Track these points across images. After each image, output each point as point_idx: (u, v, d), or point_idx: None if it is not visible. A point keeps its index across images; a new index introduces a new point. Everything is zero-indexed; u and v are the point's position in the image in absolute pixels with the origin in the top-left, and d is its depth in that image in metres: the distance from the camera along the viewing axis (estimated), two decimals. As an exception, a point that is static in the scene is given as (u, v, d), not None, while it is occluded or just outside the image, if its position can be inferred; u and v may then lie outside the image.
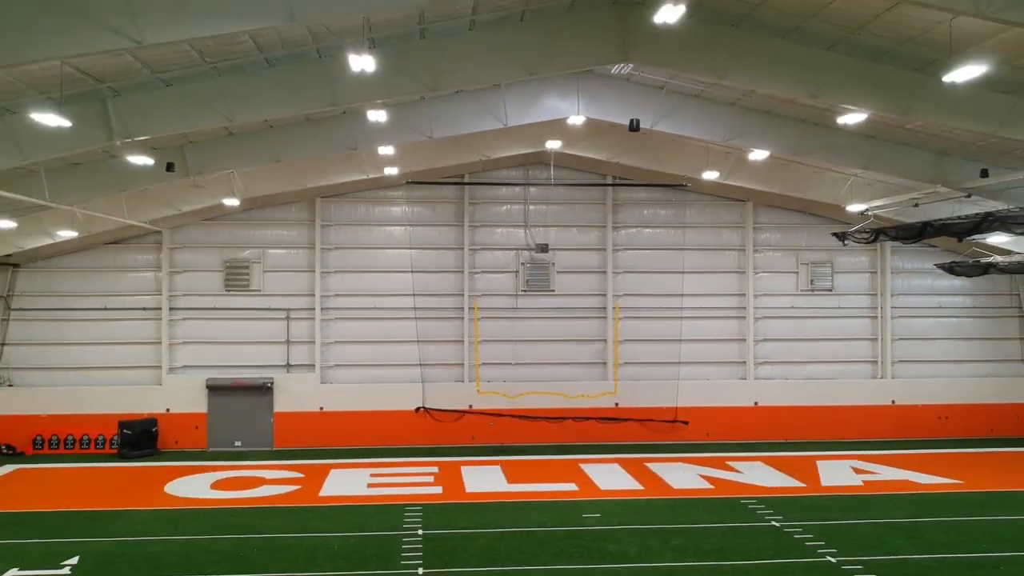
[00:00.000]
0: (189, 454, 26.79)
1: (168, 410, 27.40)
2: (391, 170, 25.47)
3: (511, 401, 28.13)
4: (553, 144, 24.89)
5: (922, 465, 24.85)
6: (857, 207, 25.39)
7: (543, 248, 28.53)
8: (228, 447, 27.39)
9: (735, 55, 16.93)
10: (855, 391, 29.44)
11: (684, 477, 23.27)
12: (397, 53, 16.30)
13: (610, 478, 23.11)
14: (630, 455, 26.06)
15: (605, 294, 29.15)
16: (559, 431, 28.06)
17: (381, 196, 28.54)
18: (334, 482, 22.83)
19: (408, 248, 28.52)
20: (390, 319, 28.35)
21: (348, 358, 28.41)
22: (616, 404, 28.52)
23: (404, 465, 24.87)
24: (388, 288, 28.42)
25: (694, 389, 28.68)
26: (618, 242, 29.31)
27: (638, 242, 29.42)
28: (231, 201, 25.09)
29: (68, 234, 24.51)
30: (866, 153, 22.17)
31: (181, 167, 20.20)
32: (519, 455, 26.29)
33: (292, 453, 26.66)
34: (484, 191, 28.73)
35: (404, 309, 28.31)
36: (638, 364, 28.93)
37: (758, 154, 23.24)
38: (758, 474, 23.66)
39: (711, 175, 25.33)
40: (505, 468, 24.38)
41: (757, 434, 28.53)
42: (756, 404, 29.10)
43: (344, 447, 27.12)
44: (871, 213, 25.69)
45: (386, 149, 22.55)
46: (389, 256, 28.65)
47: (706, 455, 26.12)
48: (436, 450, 26.89)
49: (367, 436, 27.47)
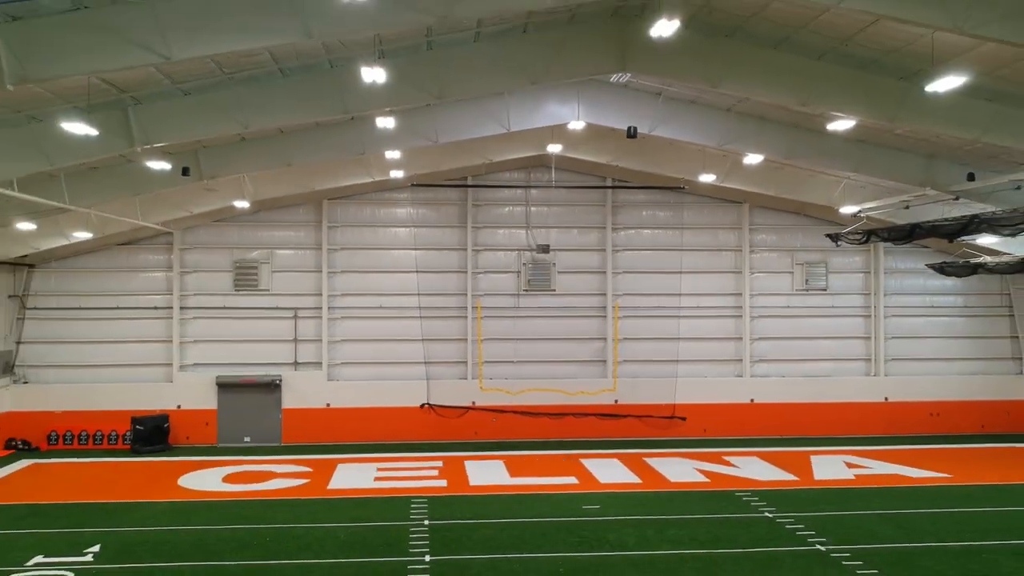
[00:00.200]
0: (200, 449, 27.46)
1: (179, 407, 28.08)
2: (397, 173, 26.10)
3: (513, 398, 28.77)
4: (554, 148, 25.54)
5: (913, 460, 25.51)
6: (850, 209, 25.97)
7: (544, 249, 29.15)
8: (237, 443, 28.04)
9: (729, 64, 17.59)
10: (849, 388, 30.05)
11: (681, 471, 23.93)
12: (405, 64, 16.96)
13: (609, 472, 23.79)
14: (629, 450, 26.72)
15: (605, 294, 29.79)
16: (560, 427, 28.69)
17: (386, 198, 29.18)
18: (342, 476, 23.50)
19: (413, 249, 29.16)
20: (395, 318, 28.99)
21: (354, 356, 29.05)
22: (615, 401, 29.16)
23: (409, 460, 25.54)
24: (393, 288, 29.06)
25: (692, 386, 29.29)
26: (617, 243, 29.96)
27: (637, 243, 30.05)
28: (241, 203, 25.79)
29: (83, 235, 25.21)
30: (857, 157, 22.77)
31: (195, 171, 20.88)
32: (521, 450, 26.95)
33: (300, 448, 27.31)
34: (487, 193, 29.38)
35: (409, 308, 28.95)
36: (637, 362, 29.56)
37: (753, 158, 23.86)
38: (753, 468, 24.31)
39: (708, 178, 26.02)
40: (507, 463, 25.05)
41: (753, 430, 29.16)
42: (752, 401, 29.75)
43: (351, 443, 27.77)
44: (863, 215, 26.27)
45: (393, 153, 23.21)
46: (394, 256, 29.29)
47: (703, 450, 26.79)
48: (440, 445, 27.53)
49: (373, 432, 28.13)
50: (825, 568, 15.53)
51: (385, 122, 19.34)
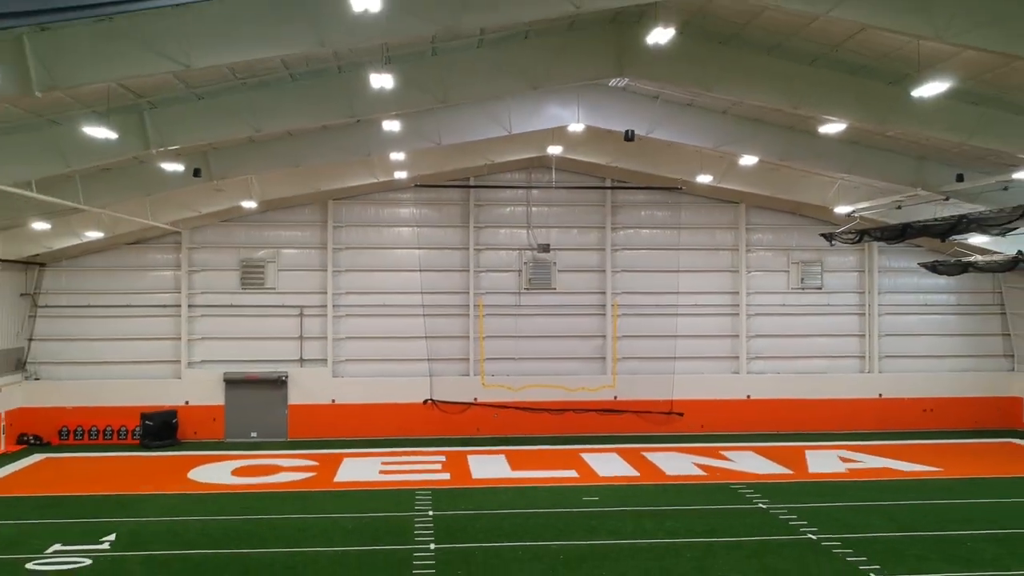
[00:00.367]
0: (207, 444, 28.03)
1: (187, 402, 28.65)
2: (401, 174, 26.66)
3: (514, 394, 29.34)
4: (554, 149, 26.09)
5: (905, 454, 26.07)
6: (844, 209, 26.51)
7: (545, 248, 29.72)
8: (244, 438, 28.61)
9: (724, 69, 18.15)
10: (843, 385, 30.59)
11: (678, 465, 24.51)
12: (411, 69, 17.52)
13: (608, 466, 24.36)
14: (628, 445, 27.30)
15: (604, 292, 30.35)
16: (560, 423, 29.27)
17: (390, 198, 29.75)
18: (347, 469, 24.10)
19: (416, 248, 29.74)
20: (399, 316, 29.56)
21: (359, 353, 29.62)
22: (615, 397, 29.74)
23: (413, 454, 26.12)
24: (397, 286, 29.63)
25: (689, 383, 29.84)
26: (617, 242, 30.52)
27: (636, 242, 30.61)
28: (249, 203, 26.36)
29: (94, 235, 25.79)
30: (849, 158, 23.30)
31: (206, 172, 21.45)
32: (522, 445, 27.54)
33: (306, 443, 27.87)
34: (488, 193, 29.96)
35: (412, 306, 29.54)
36: (636, 359, 30.12)
37: (748, 159, 24.42)
38: (749, 462, 24.91)
39: (705, 178, 26.59)
40: (509, 457, 25.64)
41: (749, 426, 29.71)
42: (748, 397, 30.31)
43: (355, 438, 28.35)
44: (857, 215, 26.79)
45: (397, 155, 23.76)
46: (398, 256, 29.86)
47: (700, 445, 27.36)
48: (443, 440, 28.13)
49: (377, 427, 28.72)
50: (816, 556, 16.13)
51: (391, 125, 19.94)
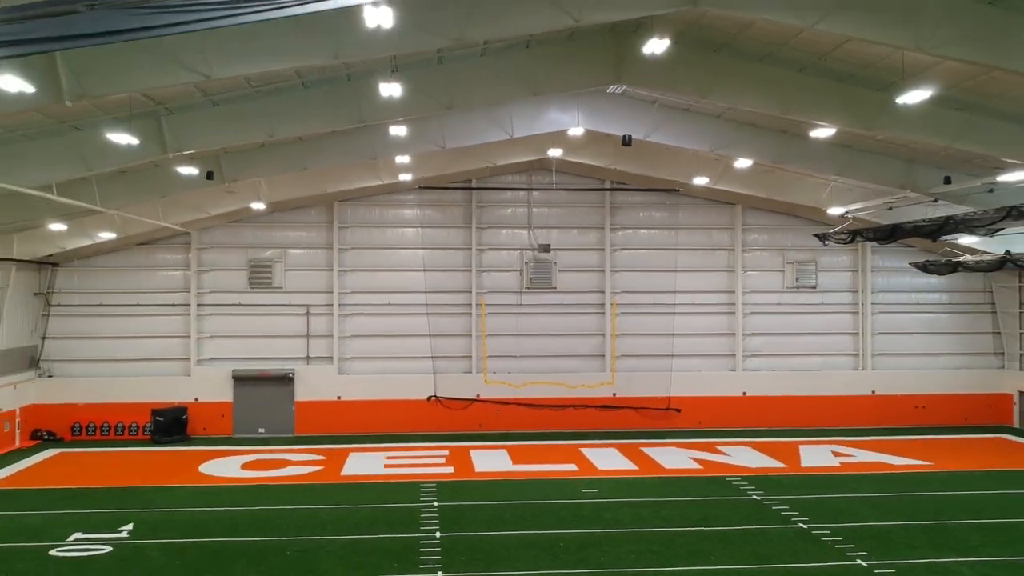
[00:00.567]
0: (216, 439, 28.72)
1: (196, 399, 29.34)
2: (405, 176, 27.34)
3: (516, 391, 30.06)
4: (555, 152, 26.80)
5: (897, 449, 26.77)
6: (837, 210, 27.12)
7: (545, 248, 30.43)
8: (252, 433, 29.30)
9: (717, 77, 18.84)
10: (837, 382, 31.28)
11: (676, 459, 25.22)
12: (417, 76, 18.19)
13: (607, 460, 25.08)
14: (626, 440, 27.99)
15: (603, 291, 31.03)
16: (560, 419, 29.96)
17: (395, 200, 30.46)
18: (354, 463, 24.80)
19: (420, 248, 30.43)
20: (403, 315, 30.24)
21: (364, 351, 30.31)
22: (614, 394, 30.43)
23: (417, 449, 26.81)
24: (401, 286, 30.32)
25: (686, 380, 30.53)
26: (616, 242, 31.20)
27: (634, 242, 31.29)
28: (257, 205, 27.04)
29: (107, 235, 26.49)
30: (841, 161, 23.95)
31: (218, 175, 22.15)
32: (523, 440, 28.23)
33: (312, 439, 28.57)
34: (491, 195, 30.64)
35: (416, 305, 30.22)
36: (634, 356, 30.81)
37: (743, 162, 25.10)
38: (744, 456, 25.59)
39: (701, 180, 27.27)
40: (511, 451, 26.34)
41: (745, 422, 30.38)
42: (744, 394, 30.98)
43: (361, 433, 29.03)
44: (850, 215, 27.45)
45: (402, 157, 24.45)
46: (402, 256, 30.55)
47: (697, 440, 28.06)
48: (447, 436, 28.82)
49: (382, 423, 29.40)
50: (806, 543, 16.85)
51: (397, 130, 20.65)
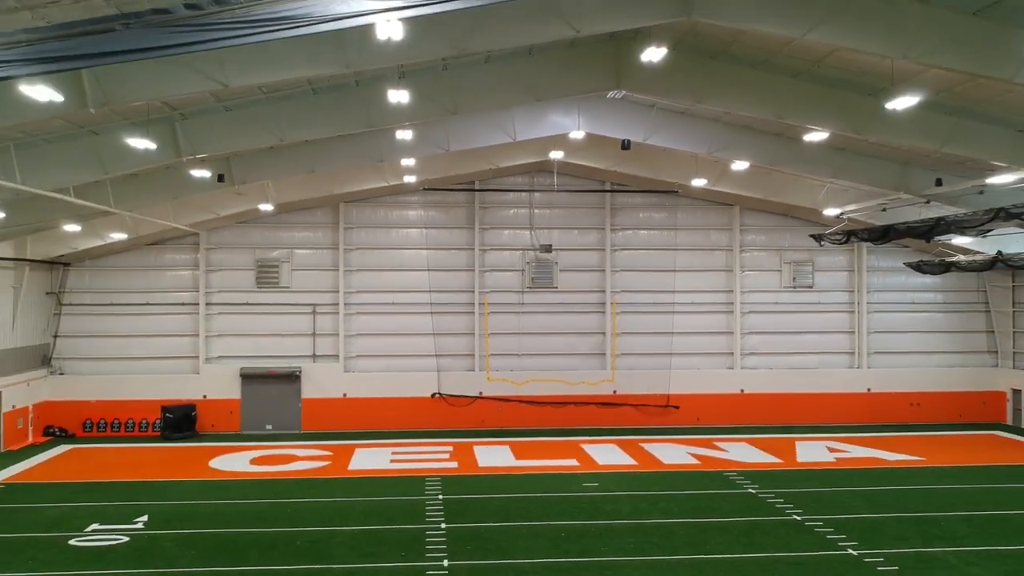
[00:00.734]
0: (225, 436, 29.31)
1: (205, 396, 29.95)
2: (410, 178, 27.92)
3: (518, 388, 30.64)
4: (556, 154, 27.36)
5: (891, 445, 27.35)
6: (833, 211, 27.68)
7: (547, 248, 31.01)
8: (260, 430, 29.89)
9: (714, 83, 19.38)
10: (833, 380, 31.84)
11: (674, 454, 25.81)
12: (423, 83, 18.78)
13: (608, 455, 25.67)
14: (626, 437, 28.58)
15: (604, 291, 31.60)
16: (562, 415, 30.54)
17: (399, 201, 31.05)
18: (360, 459, 25.40)
19: (424, 248, 31.01)
20: (407, 314, 30.82)
21: (369, 349, 30.89)
22: (614, 391, 30.99)
23: (422, 445, 27.39)
24: (405, 285, 30.90)
25: (685, 378, 31.11)
26: (616, 243, 31.76)
27: (634, 243, 31.86)
28: (265, 206, 27.62)
29: (118, 236, 27.08)
30: (835, 163, 24.48)
31: (228, 177, 22.74)
32: (525, 436, 28.81)
33: (319, 435, 29.16)
34: (493, 196, 31.23)
35: (420, 304, 30.80)
36: (634, 355, 31.37)
37: (741, 164, 25.63)
38: (741, 452, 26.18)
39: (700, 182, 27.84)
40: (513, 447, 26.94)
41: (743, 418, 30.97)
42: (742, 391, 31.54)
43: (366, 430, 29.62)
44: (845, 216, 28.01)
45: (407, 160, 25.02)
46: (406, 256, 31.13)
47: (695, 437, 28.63)
48: (450, 432, 29.41)
49: (387, 420, 29.97)
50: (800, 534, 17.46)
51: (404, 134, 21.24)
